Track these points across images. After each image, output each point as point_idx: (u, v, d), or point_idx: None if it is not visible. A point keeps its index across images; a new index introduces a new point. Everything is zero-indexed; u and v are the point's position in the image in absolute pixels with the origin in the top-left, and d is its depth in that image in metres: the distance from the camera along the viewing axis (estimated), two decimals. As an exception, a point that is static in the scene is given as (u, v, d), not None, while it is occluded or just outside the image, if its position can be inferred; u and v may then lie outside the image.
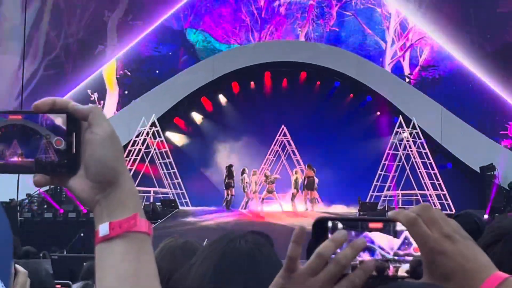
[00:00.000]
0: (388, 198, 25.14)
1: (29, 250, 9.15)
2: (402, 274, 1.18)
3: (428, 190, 24.95)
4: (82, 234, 19.75)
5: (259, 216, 23.25)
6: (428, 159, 25.49)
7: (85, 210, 22.37)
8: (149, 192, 25.82)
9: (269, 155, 28.63)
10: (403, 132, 25.87)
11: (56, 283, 4.12)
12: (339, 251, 1.15)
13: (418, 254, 1.19)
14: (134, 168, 24.79)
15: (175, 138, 30.17)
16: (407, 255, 1.19)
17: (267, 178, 24.76)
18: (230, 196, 24.95)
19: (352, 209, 24.25)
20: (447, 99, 29.55)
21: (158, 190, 26.27)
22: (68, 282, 7.73)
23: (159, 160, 26.93)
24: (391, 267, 1.18)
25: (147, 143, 26.64)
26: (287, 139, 28.43)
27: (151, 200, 25.41)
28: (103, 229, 1.26)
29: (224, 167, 25.98)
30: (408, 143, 25.68)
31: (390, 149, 25.88)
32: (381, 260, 1.17)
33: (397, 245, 1.19)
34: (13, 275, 2.04)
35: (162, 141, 27.06)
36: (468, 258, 1.18)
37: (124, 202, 1.28)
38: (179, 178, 26.86)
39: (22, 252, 8.61)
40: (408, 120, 26.15)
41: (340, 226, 1.19)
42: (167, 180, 26.84)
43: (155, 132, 26.94)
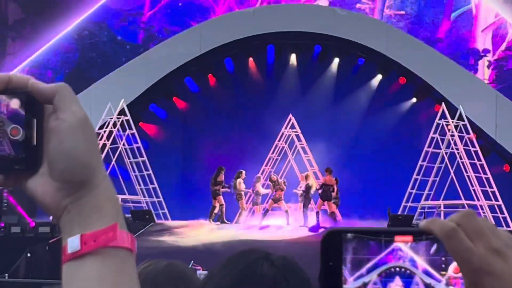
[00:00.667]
0: (426, 210, 25.18)
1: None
2: None
3: (478, 200, 24.97)
4: (29, 255, 19.76)
5: (265, 231, 23.34)
6: (479, 159, 25.50)
7: (32, 223, 22.38)
8: (115, 200, 25.84)
9: (272, 153, 28.65)
10: (447, 125, 25.87)
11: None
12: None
13: (458, 275, 1.19)
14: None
15: (151, 131, 30.19)
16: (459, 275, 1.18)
17: (275, 184, 24.79)
18: (219, 206, 24.97)
19: (381, 224, 24.30)
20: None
21: (127, 198, 26.29)
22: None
23: (129, 158, 26.94)
24: None
25: (114, 137, 26.64)
26: (296, 132, 28.44)
27: (119, 211, 25.42)
28: (72, 243, 1.25)
29: (216, 168, 25.97)
30: (453, 139, 25.69)
31: (430, 146, 25.88)
32: None
33: (431, 264, 1.19)
34: None
35: (133, 134, 27.07)
36: None
37: (100, 208, 1.27)
38: (155, 183, 26.86)
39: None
40: (453, 109, 26.16)
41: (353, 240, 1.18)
42: (140, 185, 26.84)
43: (125, 123, 26.95)
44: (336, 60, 29.98)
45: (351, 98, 29.27)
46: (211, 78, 30.48)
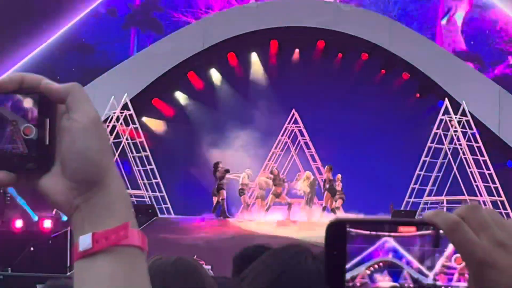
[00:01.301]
0: (429, 206, 25.16)
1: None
2: None
3: (481, 196, 24.97)
4: (32, 249, 19.79)
5: (267, 226, 23.33)
6: (482, 155, 25.48)
7: (35, 218, 22.36)
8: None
9: (275, 149, 28.64)
10: (450, 120, 25.85)
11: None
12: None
13: (460, 266, 1.20)
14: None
15: (154, 125, 30.17)
16: (445, 271, 1.19)
17: (276, 178, 24.76)
18: (221, 200, 24.93)
19: (383, 219, 24.28)
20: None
21: (130, 193, 26.22)
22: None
23: (132, 153, 26.94)
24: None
25: (117, 131, 26.64)
26: (299, 127, 28.43)
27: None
28: (84, 241, 1.26)
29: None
30: (456, 135, 25.67)
31: (433, 142, 25.87)
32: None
33: (433, 257, 1.19)
34: None
35: (136, 128, 27.06)
36: None
37: (111, 207, 1.28)
38: (158, 177, 26.86)
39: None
40: (456, 105, 26.13)
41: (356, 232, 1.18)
42: (143, 180, 26.84)
43: (128, 117, 26.94)
44: (339, 56, 29.93)
45: (354, 94, 29.21)
46: (214, 72, 30.44)
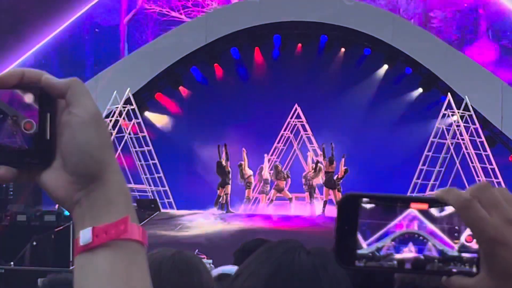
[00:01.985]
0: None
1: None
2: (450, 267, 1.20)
3: (484, 191, 24.94)
4: (34, 243, 19.80)
5: (270, 221, 23.35)
6: (485, 150, 25.48)
7: (38, 212, 22.35)
8: (121, 189, 25.86)
9: (277, 143, 28.64)
10: (453, 115, 25.84)
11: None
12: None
13: (471, 244, 1.20)
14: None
15: (157, 120, 30.19)
16: (461, 248, 1.20)
17: (279, 173, 24.76)
18: (225, 194, 24.95)
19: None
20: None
21: (133, 187, 26.29)
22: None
23: (135, 148, 26.96)
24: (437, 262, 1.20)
25: (120, 126, 26.66)
26: (302, 122, 28.43)
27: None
28: (84, 235, 1.27)
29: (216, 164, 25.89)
30: (458, 129, 25.66)
31: (435, 137, 25.87)
32: (432, 258, 1.19)
33: (445, 231, 1.20)
34: None
35: (139, 123, 27.07)
36: None
37: (111, 201, 1.29)
38: (160, 172, 26.89)
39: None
40: (459, 100, 26.12)
41: (371, 206, 1.20)
42: (145, 174, 26.87)
43: (130, 112, 26.95)
44: (342, 50, 29.90)
45: (357, 88, 29.21)
46: (217, 67, 30.43)
